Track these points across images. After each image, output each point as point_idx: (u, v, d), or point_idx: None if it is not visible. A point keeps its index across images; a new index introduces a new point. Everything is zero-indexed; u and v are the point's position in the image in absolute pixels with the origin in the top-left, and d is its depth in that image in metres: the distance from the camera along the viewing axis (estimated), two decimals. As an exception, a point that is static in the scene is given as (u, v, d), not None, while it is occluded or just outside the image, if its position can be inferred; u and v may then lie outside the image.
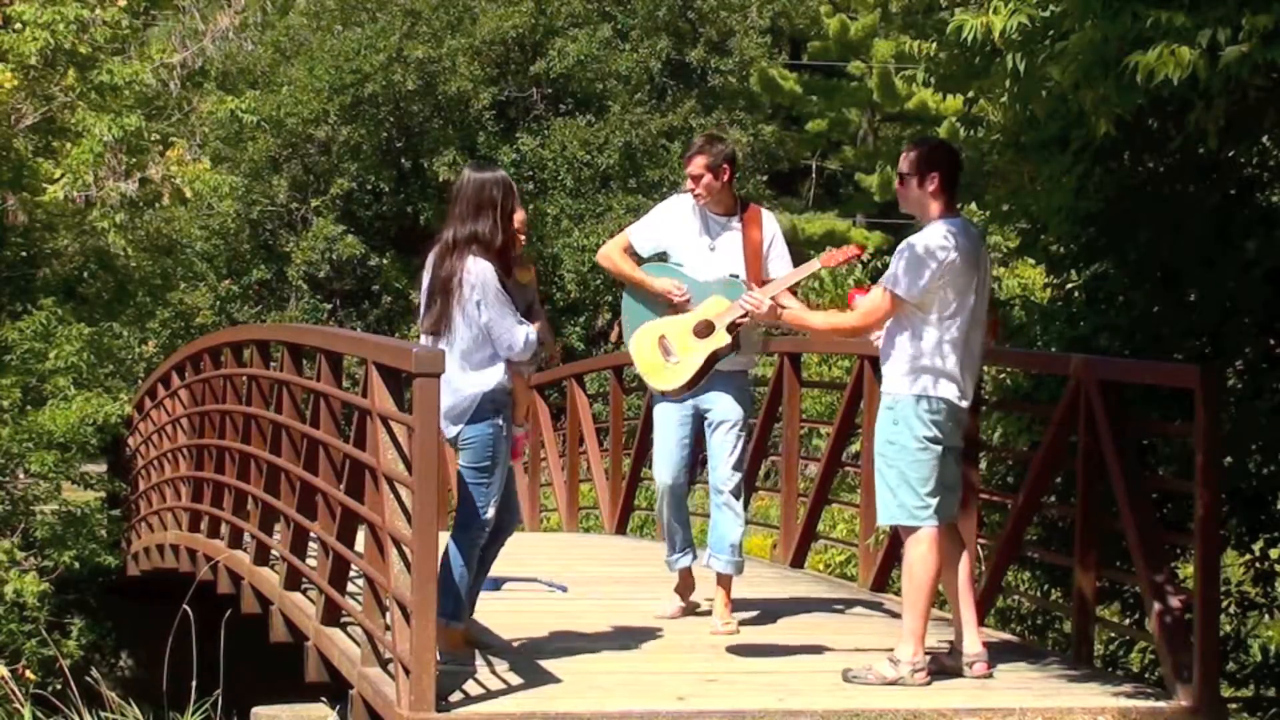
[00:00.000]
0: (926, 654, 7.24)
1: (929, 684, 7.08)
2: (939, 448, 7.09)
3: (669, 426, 8.34)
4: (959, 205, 11.74)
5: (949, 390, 7.09)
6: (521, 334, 7.04)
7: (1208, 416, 6.88)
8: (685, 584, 8.66)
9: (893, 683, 7.04)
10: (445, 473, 7.64)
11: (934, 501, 7.08)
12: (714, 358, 8.05)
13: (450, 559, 7.04)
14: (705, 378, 8.09)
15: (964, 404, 7.16)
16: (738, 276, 8.14)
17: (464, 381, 6.97)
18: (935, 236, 7.05)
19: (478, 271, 7.00)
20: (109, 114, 16.42)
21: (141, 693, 9.26)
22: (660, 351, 8.11)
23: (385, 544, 6.96)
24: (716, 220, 8.25)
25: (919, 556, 7.07)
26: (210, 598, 10.48)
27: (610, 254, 8.40)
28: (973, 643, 7.33)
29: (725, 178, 8.19)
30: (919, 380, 7.06)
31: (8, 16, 16.22)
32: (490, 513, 7.07)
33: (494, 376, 7.04)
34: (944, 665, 7.32)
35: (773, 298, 7.48)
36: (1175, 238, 8.65)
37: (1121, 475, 7.37)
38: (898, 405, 7.09)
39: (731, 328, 8.04)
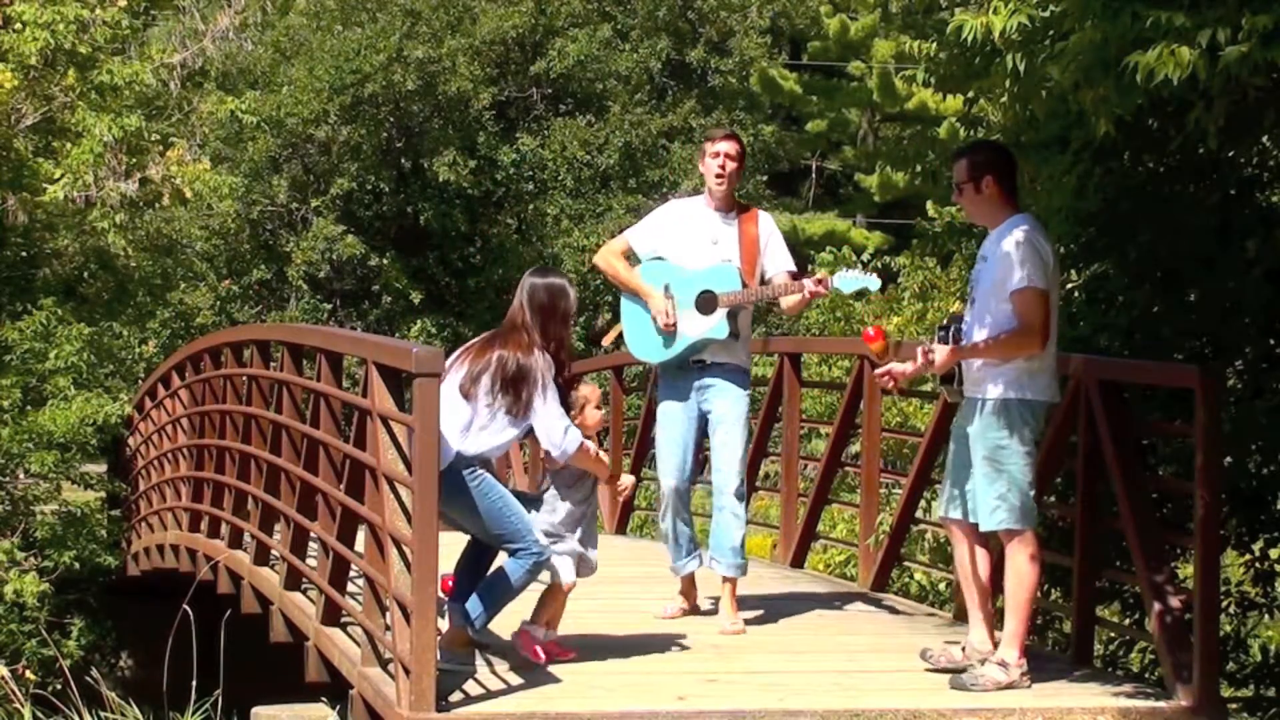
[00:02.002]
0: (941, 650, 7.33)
1: (1030, 687, 7.09)
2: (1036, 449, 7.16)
3: (674, 425, 8.38)
4: (958, 205, 11.75)
5: (1052, 392, 7.18)
6: (573, 433, 7.18)
7: (1208, 416, 6.88)
8: (689, 587, 8.65)
9: (1006, 686, 7.03)
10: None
11: (1034, 505, 7.11)
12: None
13: (509, 576, 7.10)
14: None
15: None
16: (730, 261, 8.28)
17: (453, 441, 7.00)
18: (1032, 232, 7.06)
19: (543, 370, 7.13)
20: (109, 114, 16.41)
21: (141, 693, 9.25)
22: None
23: (385, 544, 6.96)
24: (716, 216, 8.38)
25: (1028, 559, 7.08)
26: (210, 598, 10.48)
27: (607, 257, 8.52)
28: (986, 640, 7.34)
29: (740, 171, 8.38)
30: (1031, 382, 7.08)
31: (8, 16, 16.22)
32: (538, 533, 7.17)
33: (481, 444, 7.12)
34: (955, 662, 7.33)
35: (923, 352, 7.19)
36: (1175, 238, 8.64)
37: (1121, 475, 7.37)
38: (1010, 409, 7.06)
39: (730, 315, 8.21)
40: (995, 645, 7.28)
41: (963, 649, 7.36)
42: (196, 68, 18.70)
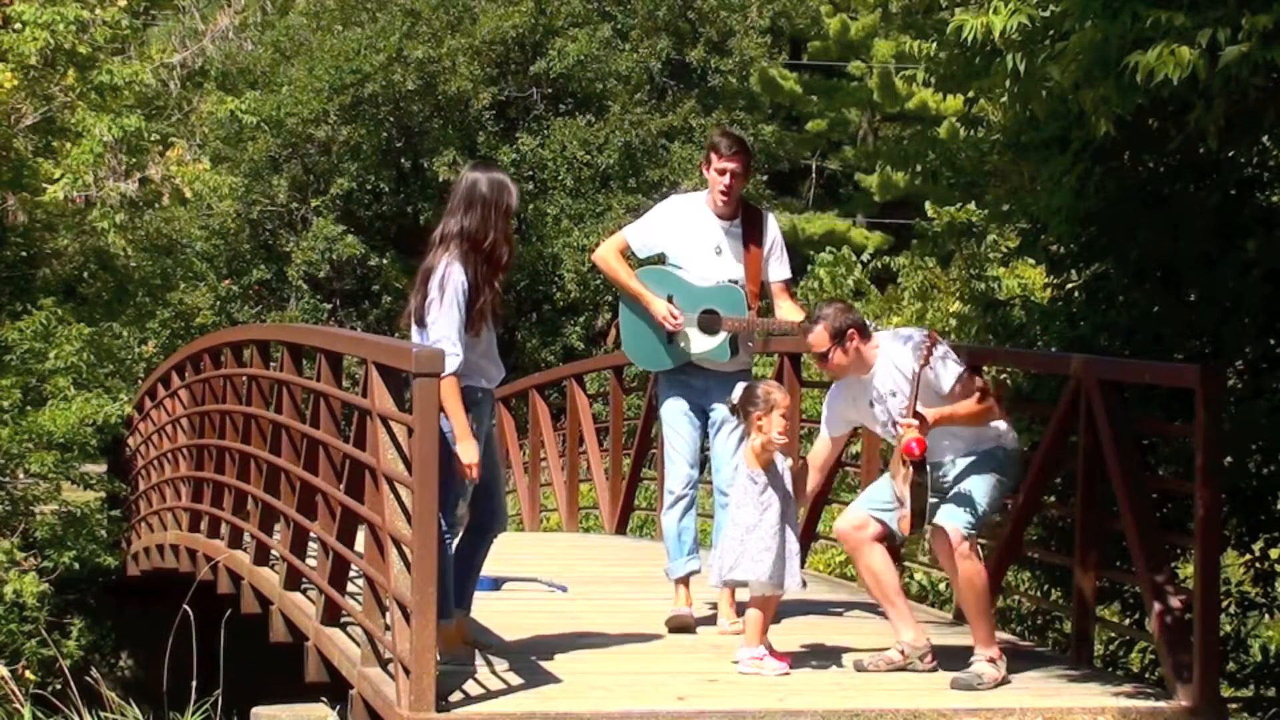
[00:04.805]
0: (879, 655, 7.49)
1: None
2: None
3: (681, 424, 8.28)
4: (958, 205, 11.76)
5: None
6: (443, 350, 6.84)
7: (1208, 416, 6.87)
8: (685, 589, 8.45)
9: (1003, 681, 7.13)
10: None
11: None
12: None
13: None
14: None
15: None
16: (737, 282, 8.15)
17: None
18: (918, 343, 7.23)
19: (447, 272, 6.99)
20: (109, 114, 16.41)
21: (141, 693, 9.26)
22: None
23: (385, 544, 6.96)
24: (720, 223, 8.22)
25: (977, 560, 7.22)
26: (210, 598, 10.48)
27: (606, 256, 8.33)
28: (920, 635, 7.46)
29: (745, 182, 8.25)
30: (1008, 435, 7.40)
31: (8, 16, 16.22)
32: (461, 509, 7.06)
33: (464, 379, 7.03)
34: (895, 664, 7.41)
35: (918, 415, 7.17)
36: (1175, 238, 8.65)
37: (1121, 475, 7.37)
38: (1003, 452, 7.33)
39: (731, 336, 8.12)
40: (927, 637, 7.46)
41: (901, 651, 7.42)
42: (196, 68, 18.70)
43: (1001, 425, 7.37)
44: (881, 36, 32.46)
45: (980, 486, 7.25)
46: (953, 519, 7.19)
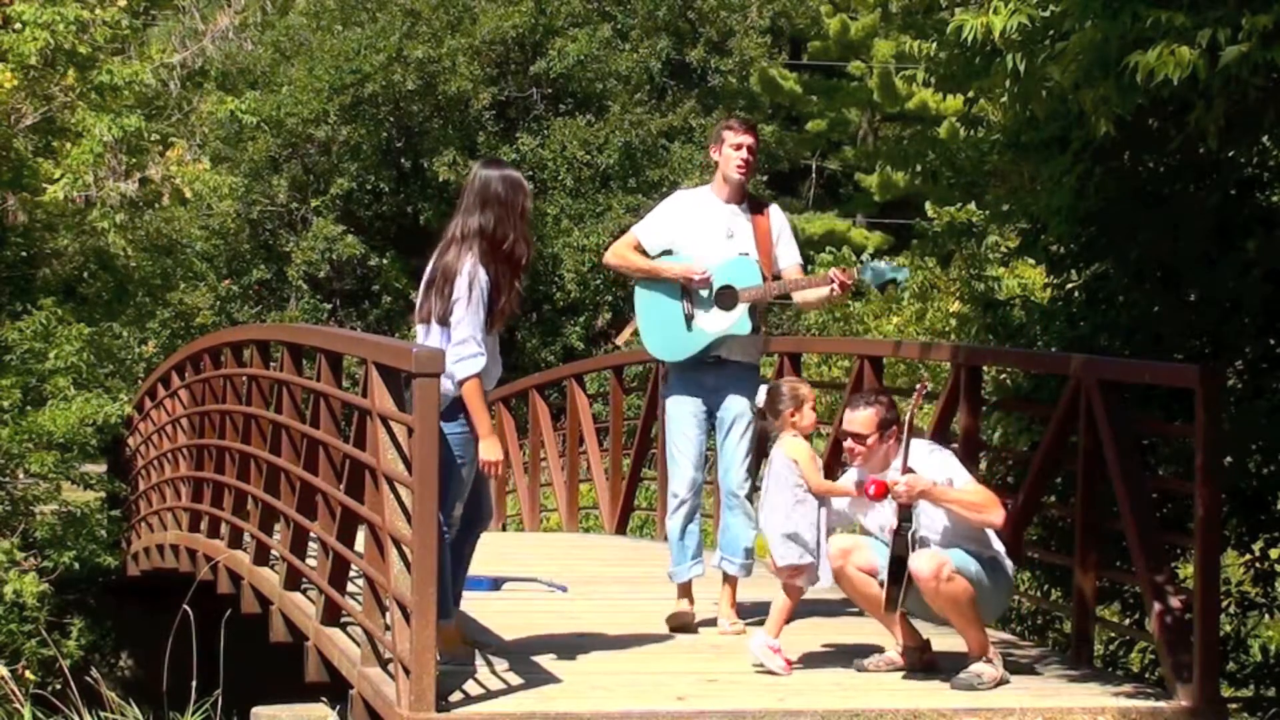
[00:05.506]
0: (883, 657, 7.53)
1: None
2: None
3: (688, 424, 8.26)
4: (958, 205, 11.77)
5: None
6: (470, 364, 6.91)
7: (1208, 416, 6.88)
8: (687, 593, 8.47)
9: (1003, 680, 7.14)
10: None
11: None
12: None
13: None
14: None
15: None
16: (748, 255, 8.19)
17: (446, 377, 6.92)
18: (928, 441, 7.32)
19: (475, 272, 6.99)
20: (109, 114, 16.41)
21: (141, 693, 9.26)
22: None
23: (385, 544, 6.96)
24: (728, 208, 8.27)
25: (962, 581, 7.13)
26: (210, 598, 10.48)
27: (620, 252, 8.32)
28: (917, 635, 7.50)
29: (756, 163, 8.28)
30: (1006, 558, 7.38)
31: (8, 16, 16.21)
32: (457, 510, 7.06)
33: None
34: (895, 664, 7.42)
35: (909, 470, 7.16)
36: (1175, 238, 8.66)
37: (1121, 475, 7.37)
38: (998, 561, 7.31)
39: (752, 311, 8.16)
40: (926, 637, 7.47)
41: (900, 652, 7.45)
42: (196, 68, 18.70)
43: (1002, 548, 7.32)
44: (881, 36, 32.48)
45: (968, 558, 7.17)
46: (934, 552, 7.14)
